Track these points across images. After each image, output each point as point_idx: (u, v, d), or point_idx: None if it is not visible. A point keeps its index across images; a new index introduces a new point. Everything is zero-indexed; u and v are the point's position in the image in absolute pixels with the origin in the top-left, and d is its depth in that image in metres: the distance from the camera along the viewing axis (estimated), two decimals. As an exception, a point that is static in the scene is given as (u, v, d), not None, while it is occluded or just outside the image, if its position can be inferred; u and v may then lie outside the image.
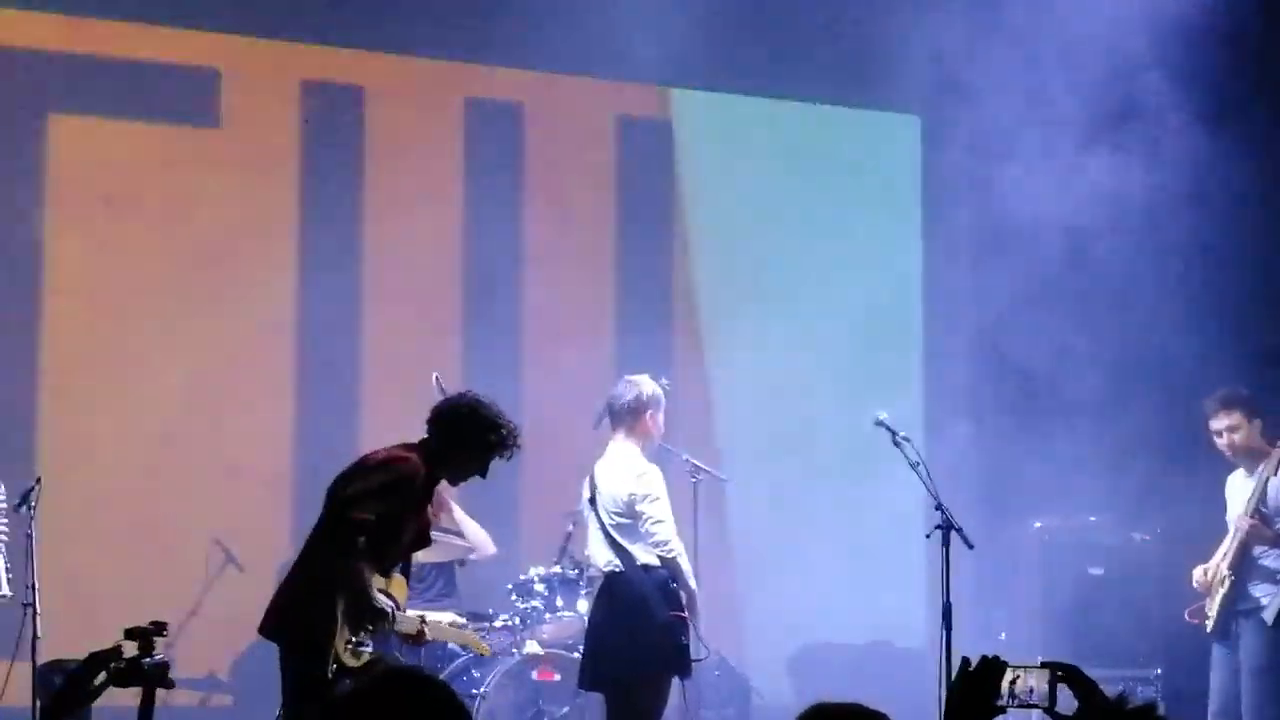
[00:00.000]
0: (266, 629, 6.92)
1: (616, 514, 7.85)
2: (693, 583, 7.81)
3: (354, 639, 6.81)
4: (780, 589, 10.35)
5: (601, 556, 7.91)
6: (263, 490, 10.06)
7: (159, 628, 4.95)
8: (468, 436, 7.07)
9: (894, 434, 8.18)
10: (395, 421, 9.98)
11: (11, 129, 10.08)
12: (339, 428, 10.37)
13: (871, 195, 11.70)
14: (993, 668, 3.91)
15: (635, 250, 11.35)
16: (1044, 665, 3.96)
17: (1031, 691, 3.95)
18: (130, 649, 4.61)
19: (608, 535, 7.86)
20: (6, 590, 7.86)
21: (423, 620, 7.26)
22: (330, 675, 6.73)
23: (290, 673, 6.86)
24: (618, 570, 7.80)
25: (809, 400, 10.97)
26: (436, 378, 9.47)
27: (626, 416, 7.95)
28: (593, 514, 7.98)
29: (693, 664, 7.88)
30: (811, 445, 10.77)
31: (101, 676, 4.39)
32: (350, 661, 6.83)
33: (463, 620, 8.70)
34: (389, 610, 6.92)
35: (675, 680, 7.88)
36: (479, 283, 10.87)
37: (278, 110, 10.66)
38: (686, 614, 7.74)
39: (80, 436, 9.85)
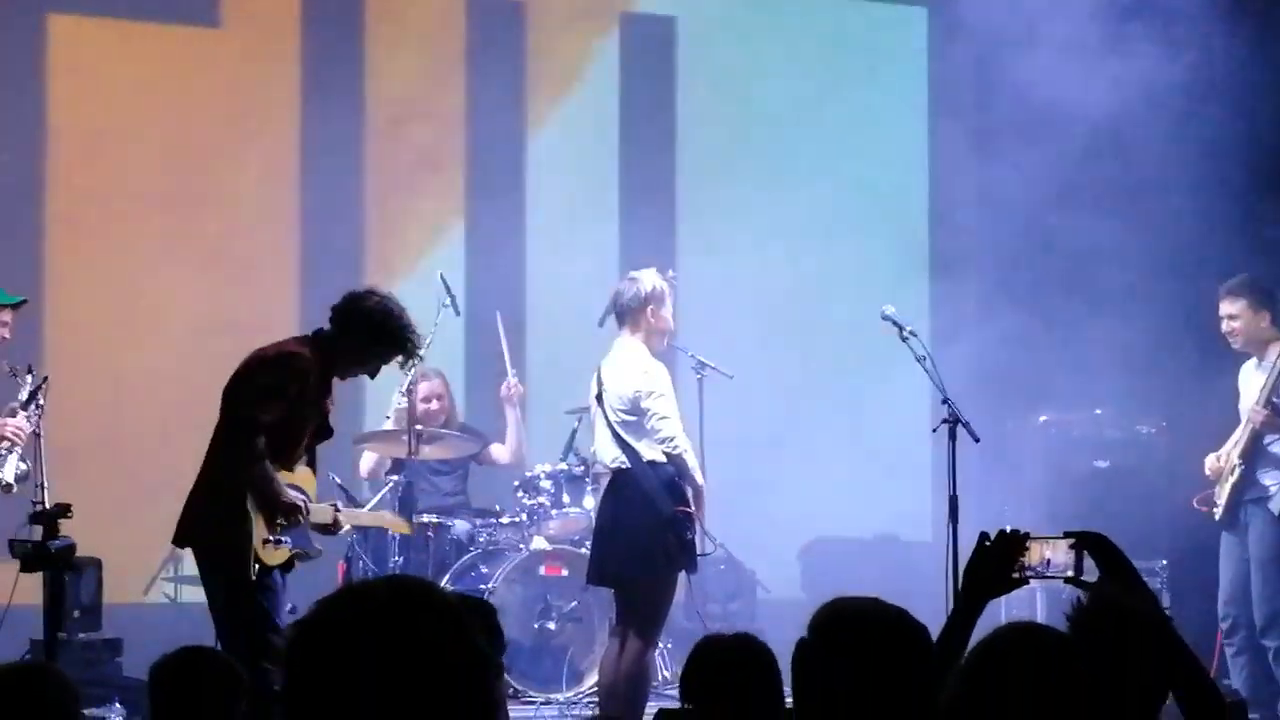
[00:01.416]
0: (180, 538, 6.98)
1: (622, 411, 7.85)
2: (700, 477, 7.82)
3: (270, 536, 6.89)
4: (787, 483, 10.37)
5: (608, 453, 7.92)
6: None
7: (63, 509, 4.96)
8: (372, 338, 7.06)
9: (901, 328, 8.18)
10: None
11: (10, 29, 10.01)
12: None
13: (878, 87, 11.61)
14: (1011, 541, 3.92)
15: (638, 146, 11.29)
16: (1067, 535, 3.97)
17: (1049, 563, 3.95)
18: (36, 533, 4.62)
19: (614, 432, 7.87)
20: (11, 480, 7.78)
21: (336, 509, 7.27)
22: (254, 576, 6.81)
23: (211, 579, 6.93)
24: (624, 467, 7.81)
25: (815, 294, 10.95)
26: (441, 275, 9.47)
27: (630, 313, 7.92)
28: (599, 411, 7.98)
29: (699, 559, 7.92)
30: (818, 339, 10.76)
31: None
32: (271, 559, 6.91)
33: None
34: (301, 504, 6.97)
35: (682, 574, 7.93)
36: (480, 177, 10.82)
37: (278, 7, 10.60)
38: (693, 509, 7.76)
39: (86, 336, 9.85)
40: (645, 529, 7.69)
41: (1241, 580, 8.78)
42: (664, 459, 7.76)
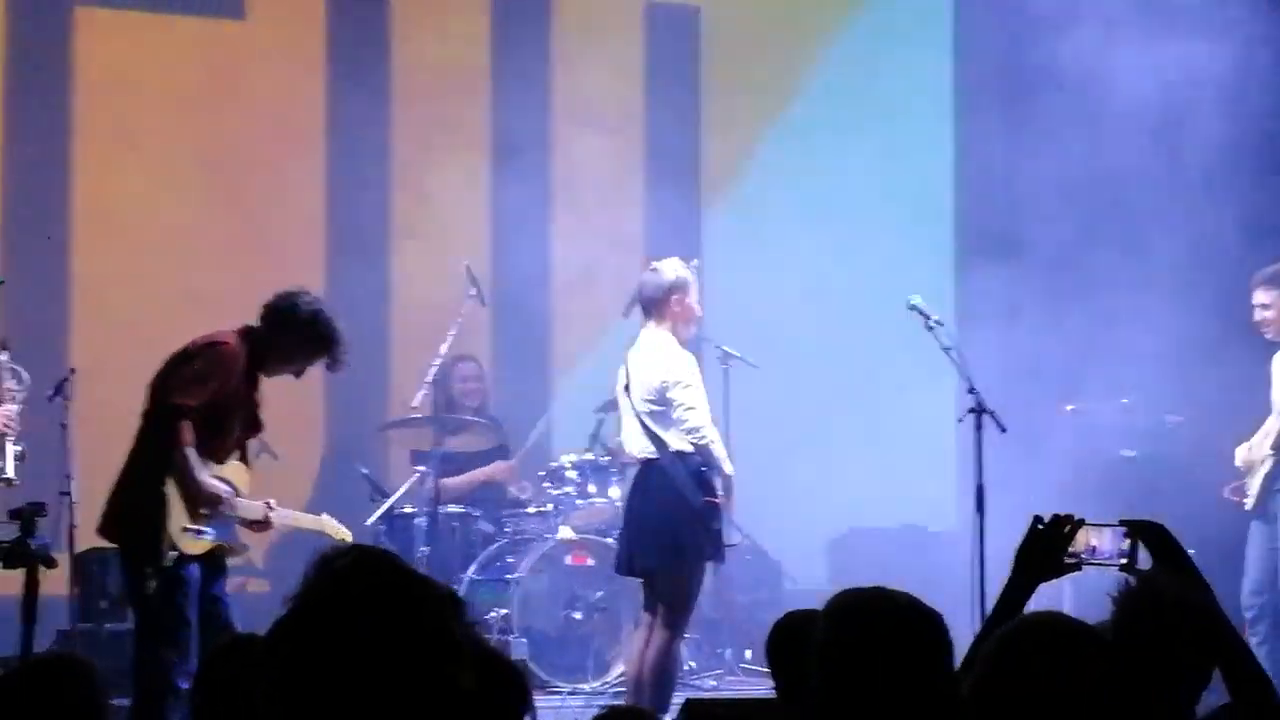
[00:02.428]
0: (101, 530, 7.08)
1: (649, 401, 7.84)
2: (728, 467, 7.81)
3: (190, 525, 6.91)
4: (812, 473, 10.35)
5: (636, 444, 7.92)
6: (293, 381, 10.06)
7: (39, 509, 5.00)
8: (302, 338, 7.19)
9: (927, 318, 8.17)
10: (426, 301, 10.05)
11: (37, 22, 10.04)
12: (369, 312, 10.39)
13: (905, 73, 11.55)
14: (1063, 525, 3.92)
15: (664, 133, 11.26)
16: (1122, 523, 3.96)
17: (1094, 550, 3.94)
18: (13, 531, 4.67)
19: (641, 423, 7.87)
20: (11, 474, 7.78)
21: (269, 506, 7.29)
22: (169, 564, 6.88)
23: (128, 568, 7.05)
24: (652, 457, 7.82)
25: (841, 283, 10.92)
26: (467, 267, 9.48)
27: (654, 303, 7.91)
28: (627, 402, 7.98)
29: (726, 549, 7.92)
30: (844, 328, 10.73)
31: None
32: (190, 549, 6.96)
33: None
34: (222, 495, 7.00)
35: (709, 565, 7.93)
36: (507, 167, 10.80)
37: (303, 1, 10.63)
38: (720, 499, 7.76)
39: (114, 328, 9.85)
40: (673, 519, 7.69)
41: (1269, 571, 8.75)
42: (691, 449, 7.76)
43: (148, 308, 9.86)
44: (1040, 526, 3.96)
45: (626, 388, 7.99)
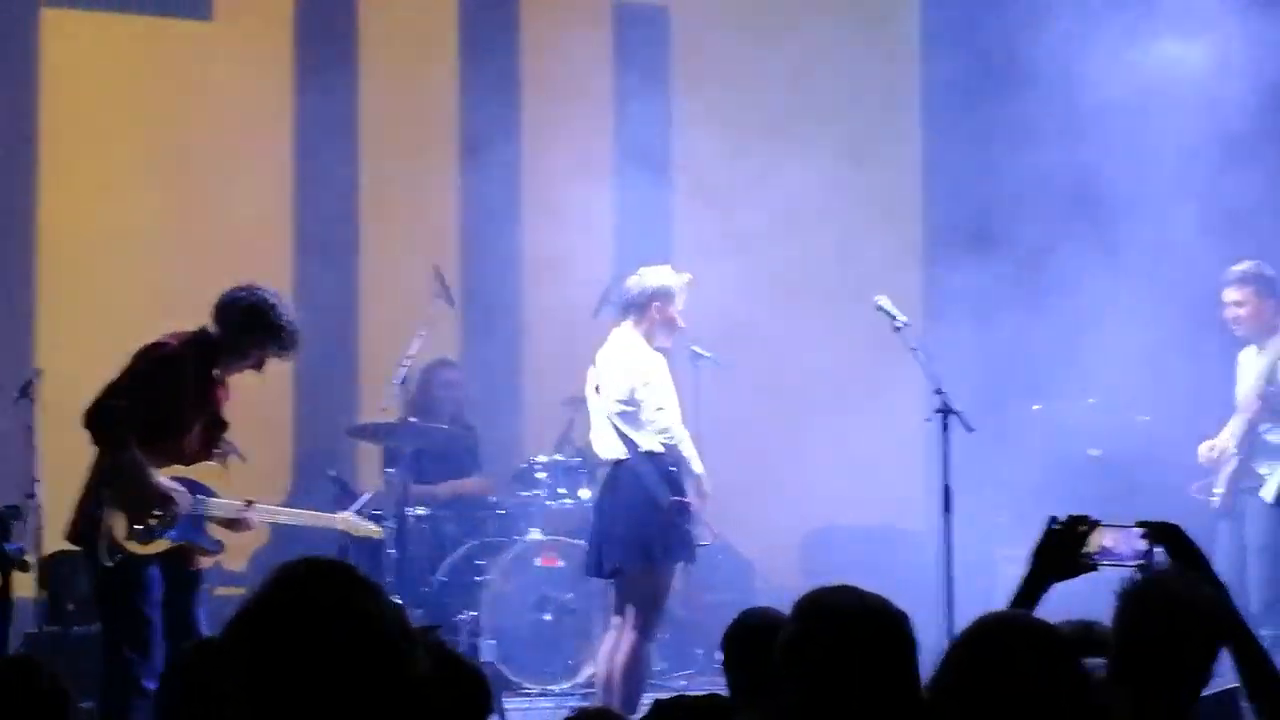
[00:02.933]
0: (66, 533, 7.13)
1: (619, 401, 7.86)
2: (698, 467, 7.84)
3: (138, 525, 6.92)
4: (782, 473, 10.36)
5: (605, 445, 7.93)
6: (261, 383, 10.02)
7: (14, 512, 5.02)
8: (245, 329, 7.19)
9: (893, 318, 8.18)
10: (396, 302, 10.04)
11: (3, 22, 10.00)
12: (337, 312, 10.39)
13: (871, 66, 11.56)
14: (1078, 525, 3.92)
15: (633, 130, 11.23)
16: (1140, 524, 3.96)
17: (1105, 550, 3.94)
18: None
19: (612, 423, 7.88)
20: None
21: (248, 504, 7.28)
22: (113, 563, 6.91)
23: (88, 570, 7.13)
24: (621, 458, 7.83)
25: (809, 281, 10.93)
26: (436, 268, 9.46)
27: (634, 306, 7.94)
28: (597, 403, 7.99)
29: (697, 549, 7.93)
30: (812, 327, 10.74)
31: None
32: (139, 549, 6.98)
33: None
34: (173, 493, 7.00)
35: (679, 565, 7.94)
36: (474, 167, 10.78)
37: (271, 2, 10.60)
38: (690, 499, 7.78)
39: (80, 330, 9.82)
40: (642, 520, 7.70)
41: (1237, 569, 8.77)
42: (661, 449, 7.78)
43: (113, 308, 9.82)
44: (1055, 526, 3.96)
45: (596, 388, 8.00)
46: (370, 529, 7.84)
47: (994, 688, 3.23)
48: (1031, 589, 3.91)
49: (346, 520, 7.76)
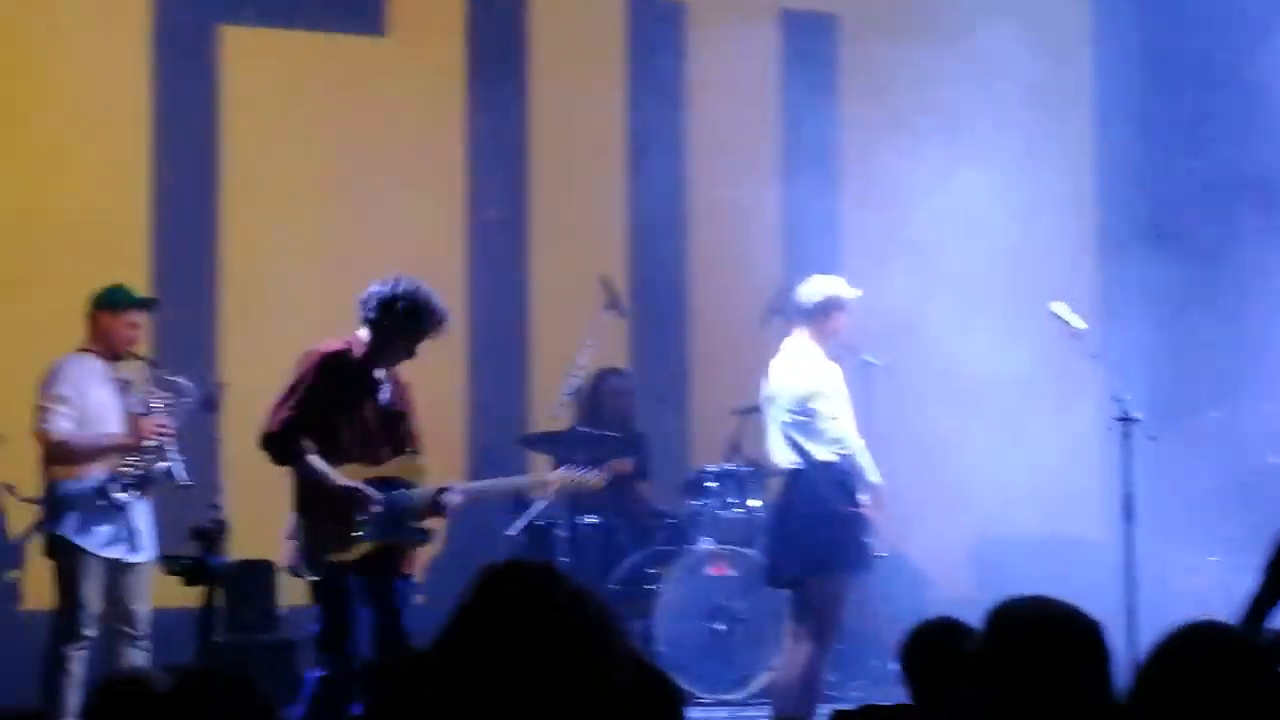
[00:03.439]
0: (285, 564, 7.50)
1: (793, 411, 7.85)
2: (874, 476, 7.81)
3: (334, 533, 7.07)
4: (956, 482, 10.27)
5: (780, 454, 7.93)
6: (435, 391, 10.12)
7: (220, 526, 5.13)
8: (390, 319, 7.26)
9: (1069, 325, 8.10)
10: (564, 311, 10.09)
11: (183, 41, 10.18)
12: (507, 320, 10.47)
13: (1042, 64, 11.41)
14: None
15: (801, 141, 11.19)
16: None
17: None
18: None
19: (785, 433, 7.87)
20: (186, 479, 8.00)
21: (442, 491, 7.33)
22: (319, 576, 7.10)
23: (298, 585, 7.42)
24: (797, 468, 7.82)
25: (981, 285, 10.82)
26: (605, 278, 9.51)
27: (813, 315, 7.93)
28: (771, 412, 7.99)
29: (873, 559, 7.91)
30: (984, 332, 10.62)
31: None
32: (341, 556, 7.09)
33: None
34: (359, 491, 7.06)
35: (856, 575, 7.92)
36: (642, 179, 10.77)
37: (442, 17, 10.69)
38: (866, 508, 7.75)
39: (262, 342, 9.93)
40: (818, 530, 7.69)
41: None
42: (836, 459, 7.76)
43: (294, 320, 9.92)
44: None
45: (770, 397, 7.99)
46: (588, 479, 7.84)
47: (1195, 699, 3.18)
48: (1265, 600, 3.86)
49: (561, 478, 7.87)
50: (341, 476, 7.12)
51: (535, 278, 10.75)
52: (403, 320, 7.24)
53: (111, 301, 8.23)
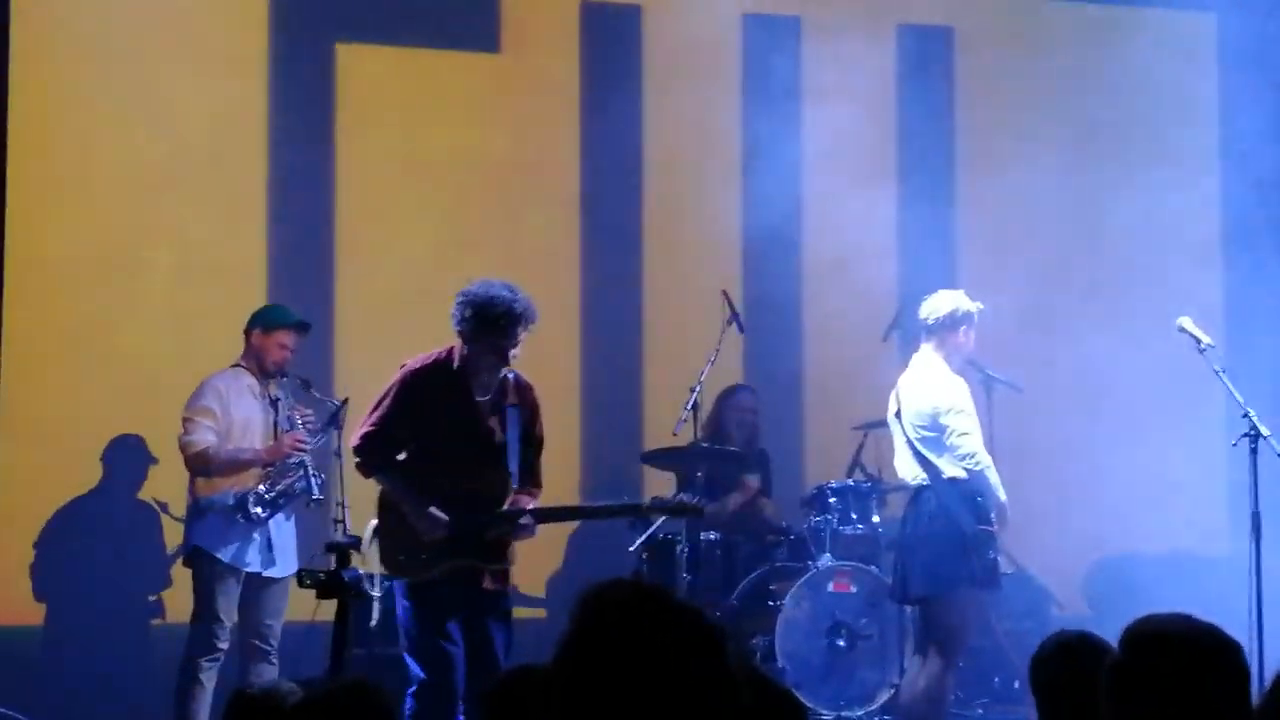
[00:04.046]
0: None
1: (921, 427, 7.81)
2: (1002, 494, 7.74)
3: (403, 551, 7.08)
4: (1078, 498, 10.17)
5: (908, 470, 7.89)
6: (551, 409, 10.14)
7: (354, 542, 5.19)
8: (479, 327, 7.18)
9: (1197, 341, 8.00)
10: (681, 325, 10.07)
11: (301, 59, 10.27)
12: (624, 338, 10.47)
13: (1162, 103, 11.27)
14: None
15: (916, 141, 11.12)
16: None
17: None
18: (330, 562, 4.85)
19: (914, 449, 7.83)
20: (318, 494, 8.17)
21: (519, 514, 7.20)
22: (380, 591, 7.46)
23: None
24: (924, 484, 7.78)
25: (1101, 295, 10.71)
26: (724, 292, 9.48)
27: (939, 330, 7.91)
28: (898, 427, 7.95)
29: (1000, 577, 7.86)
30: (1109, 352, 10.51)
31: None
32: (412, 575, 7.08)
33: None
34: (428, 519, 7.05)
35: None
36: (757, 199, 10.74)
37: (557, 33, 10.71)
38: (995, 527, 7.69)
39: (377, 357, 9.98)
40: (947, 547, 7.64)
41: None
42: (965, 475, 7.70)
43: (410, 336, 9.98)
44: None
45: (898, 414, 7.95)
46: (685, 504, 7.52)
47: None
48: None
49: (652, 507, 7.67)
50: (418, 499, 7.09)
51: (649, 292, 10.74)
52: (475, 325, 7.18)
53: (265, 320, 8.42)
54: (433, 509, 7.07)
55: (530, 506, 7.27)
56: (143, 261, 9.86)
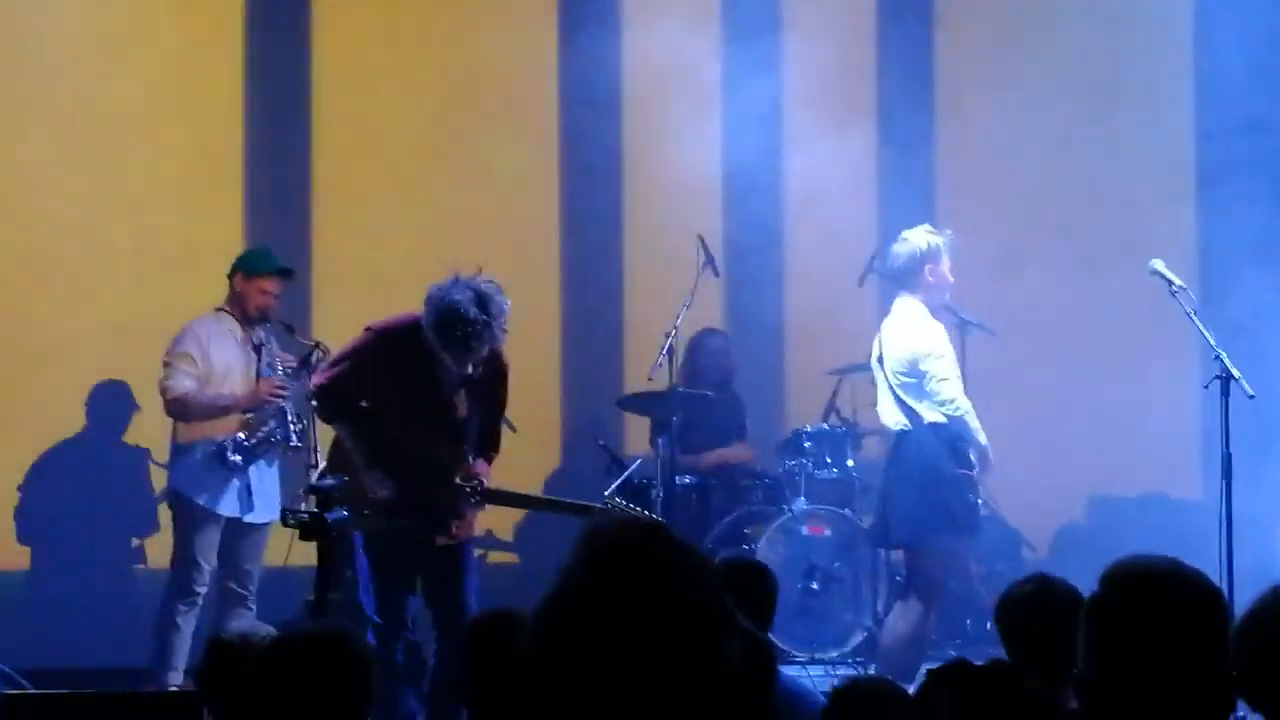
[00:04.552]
0: None
1: (901, 373, 7.86)
2: (982, 438, 7.81)
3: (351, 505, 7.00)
4: (1050, 441, 10.21)
5: (890, 416, 7.95)
6: (531, 353, 10.13)
7: (339, 484, 5.24)
8: (439, 336, 7.02)
9: (1170, 283, 8.02)
10: (659, 271, 10.06)
11: (278, 10, 10.25)
12: (603, 284, 10.48)
13: (1138, 42, 11.25)
14: None
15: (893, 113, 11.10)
16: None
17: None
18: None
19: (895, 394, 7.88)
20: (296, 442, 8.20)
21: (471, 491, 7.20)
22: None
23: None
24: (906, 429, 7.84)
25: (1074, 241, 10.72)
26: (700, 237, 9.49)
27: (906, 274, 7.91)
28: (880, 373, 7.99)
29: (981, 521, 7.93)
30: (1083, 294, 10.54)
31: None
32: (357, 528, 7.11)
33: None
34: (373, 472, 7.12)
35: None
36: (736, 127, 10.69)
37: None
38: (975, 471, 7.75)
39: (353, 303, 9.97)
40: (927, 492, 7.71)
41: None
42: (945, 420, 7.76)
43: (386, 283, 9.98)
44: None
45: (880, 359, 7.98)
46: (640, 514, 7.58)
47: None
48: None
49: (605, 510, 7.61)
50: (369, 456, 7.12)
51: (629, 236, 10.71)
52: (435, 332, 7.02)
53: (248, 265, 8.41)
54: (378, 480, 7.12)
55: (485, 471, 7.28)
56: (118, 204, 9.85)
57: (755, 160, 10.57)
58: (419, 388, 7.14)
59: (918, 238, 7.92)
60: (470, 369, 7.16)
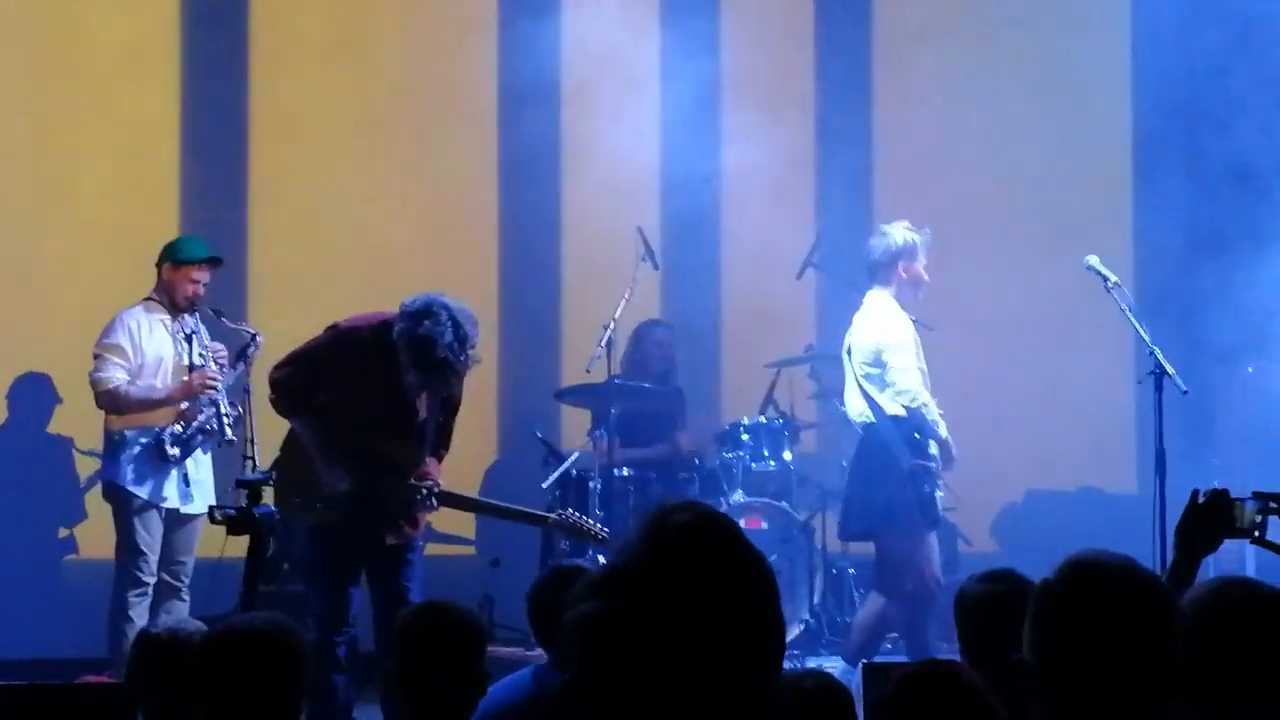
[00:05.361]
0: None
1: (865, 364, 7.94)
2: (942, 431, 7.85)
3: (297, 495, 7.03)
4: (987, 436, 10.23)
5: (855, 408, 8.02)
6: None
7: (267, 477, 5.22)
8: (413, 362, 6.97)
9: (1105, 279, 8.06)
10: (598, 263, 10.03)
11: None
12: (541, 276, 10.47)
13: (1075, 30, 11.32)
14: (1222, 499, 3.92)
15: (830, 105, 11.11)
16: (1255, 495, 3.96)
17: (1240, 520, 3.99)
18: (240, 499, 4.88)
19: (860, 386, 7.93)
20: (230, 435, 8.15)
21: (424, 494, 7.18)
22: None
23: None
24: (869, 421, 7.89)
25: (1010, 238, 10.77)
26: (639, 229, 9.48)
27: (881, 268, 7.97)
28: (848, 365, 8.05)
29: (940, 514, 7.97)
30: (1017, 290, 10.59)
31: None
32: (309, 519, 7.16)
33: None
34: (330, 467, 7.07)
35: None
36: (675, 119, 10.68)
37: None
38: (932, 463, 7.78)
39: (289, 293, 9.95)
40: (887, 484, 7.76)
41: None
42: (903, 412, 7.80)
43: (324, 272, 9.94)
44: (1200, 501, 3.96)
45: (849, 351, 8.04)
46: (592, 530, 7.48)
47: (1224, 651, 3.20)
48: (1184, 566, 3.90)
49: (557, 521, 7.54)
50: (327, 450, 7.07)
51: (567, 227, 10.69)
52: (410, 357, 6.95)
53: (176, 254, 8.31)
54: (337, 470, 7.07)
55: (436, 470, 7.26)
56: (50, 193, 9.77)
57: (692, 151, 10.56)
58: (382, 389, 7.08)
59: (896, 233, 8.02)
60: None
